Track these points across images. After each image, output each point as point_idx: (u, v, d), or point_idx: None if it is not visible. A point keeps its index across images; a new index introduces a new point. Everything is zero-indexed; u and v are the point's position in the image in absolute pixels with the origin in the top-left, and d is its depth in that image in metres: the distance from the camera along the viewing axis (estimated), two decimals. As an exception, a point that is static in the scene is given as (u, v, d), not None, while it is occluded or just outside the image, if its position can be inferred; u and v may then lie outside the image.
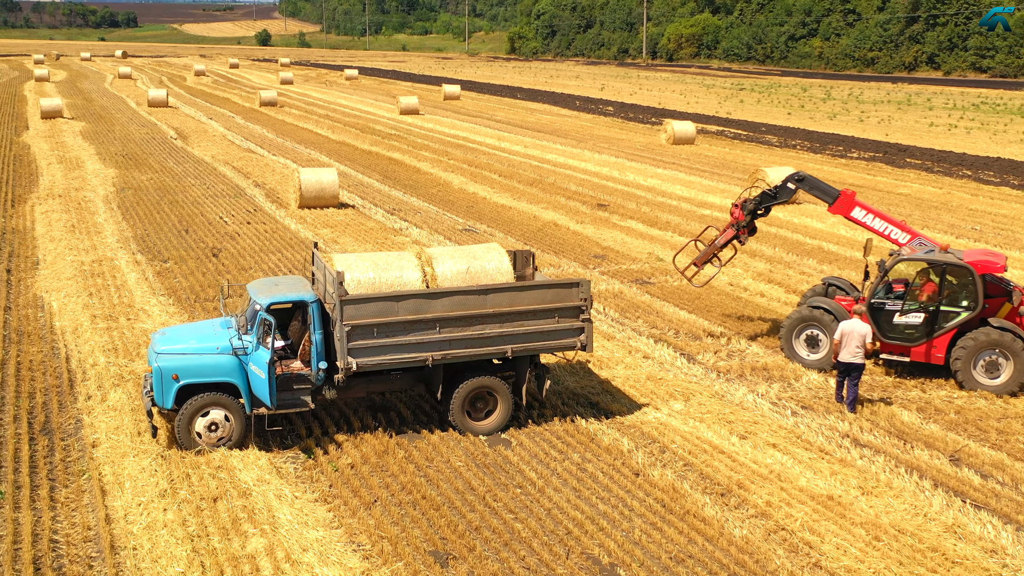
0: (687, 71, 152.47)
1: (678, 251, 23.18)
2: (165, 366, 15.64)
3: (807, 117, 78.83)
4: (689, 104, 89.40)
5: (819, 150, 57.68)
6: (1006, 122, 76.25)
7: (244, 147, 53.85)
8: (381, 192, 40.65)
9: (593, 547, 13.49)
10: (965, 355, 19.39)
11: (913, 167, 51.14)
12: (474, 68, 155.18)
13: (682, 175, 46.48)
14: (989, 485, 15.62)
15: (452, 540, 13.57)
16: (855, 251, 31.41)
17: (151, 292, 25.12)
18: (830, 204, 21.28)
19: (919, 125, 73.79)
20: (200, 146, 53.74)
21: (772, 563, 13.22)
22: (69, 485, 15.01)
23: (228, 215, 34.98)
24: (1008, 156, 55.41)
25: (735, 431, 17.36)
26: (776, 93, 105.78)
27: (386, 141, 57.24)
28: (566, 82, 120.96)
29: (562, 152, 53.78)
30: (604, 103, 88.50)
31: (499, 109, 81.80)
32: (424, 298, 16.20)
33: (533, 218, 35.73)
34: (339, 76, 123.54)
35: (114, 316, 23.08)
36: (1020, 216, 37.97)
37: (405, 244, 30.81)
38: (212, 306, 24.00)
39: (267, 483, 14.99)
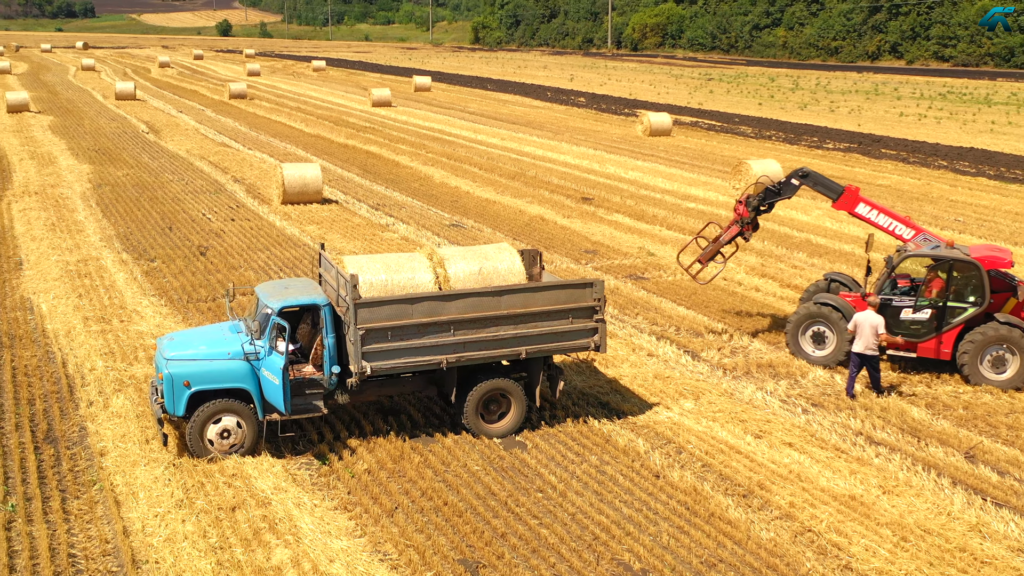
0: (653, 61, 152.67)
1: (681, 249, 23.08)
2: (176, 372, 15.29)
3: (778, 108, 79.14)
4: (659, 95, 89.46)
5: (794, 141, 57.87)
6: (974, 112, 76.95)
7: (219, 141, 53.17)
8: (363, 187, 40.26)
9: (622, 552, 13.35)
10: (972, 350, 19.45)
11: (890, 158, 51.42)
12: (441, 59, 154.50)
13: (662, 167, 46.42)
14: (1007, 482, 15.65)
15: (479, 548, 13.38)
16: (842, 244, 31.53)
17: (141, 293, 24.66)
18: (834, 200, 21.25)
19: (889, 115, 74.29)
20: (174, 140, 53.00)
21: (803, 566, 13.14)
22: (81, 496, 14.66)
23: (211, 212, 34.48)
24: (981, 146, 55.87)
25: (749, 430, 17.29)
26: (744, 83, 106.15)
27: (362, 134, 56.75)
28: (534, 73, 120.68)
29: (540, 144, 53.57)
30: (575, 94, 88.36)
31: (471, 101, 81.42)
32: (438, 300, 15.97)
33: (519, 212, 35.52)
34: (306, 67, 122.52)
35: (106, 318, 22.62)
36: (1000, 207, 38.27)
37: (394, 240, 30.51)
38: (206, 307, 23.62)
39: (284, 491, 14.71)
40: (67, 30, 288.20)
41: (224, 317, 22.44)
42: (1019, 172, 47.36)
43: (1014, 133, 63.26)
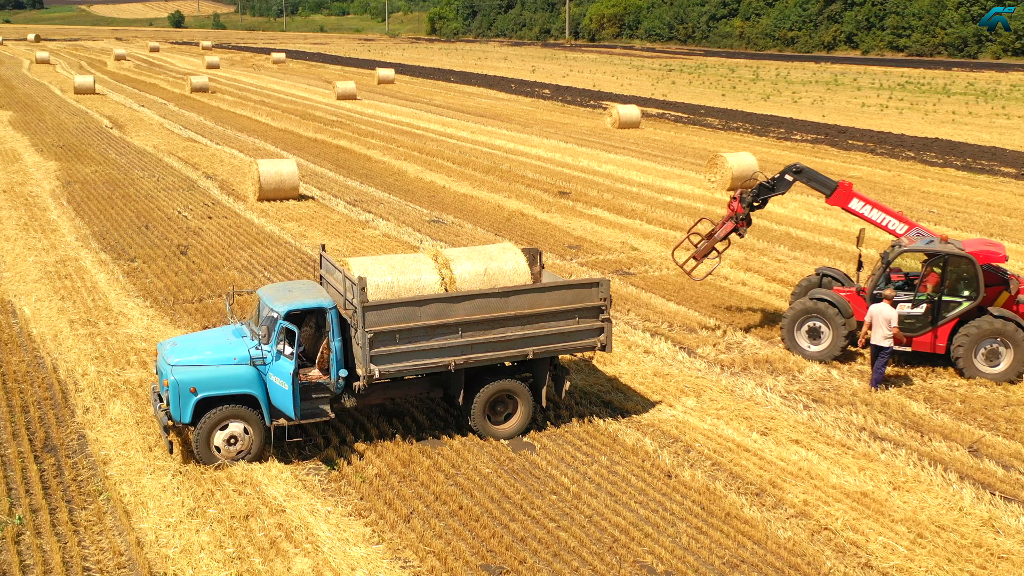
0: (613, 52, 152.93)
1: (676, 245, 23.05)
2: (182, 379, 15.02)
3: (741, 99, 79.56)
4: (623, 86, 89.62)
5: (762, 132, 58.21)
6: (934, 102, 77.88)
7: (185, 136, 52.46)
8: (337, 182, 39.91)
9: (643, 555, 13.31)
10: (967, 343, 19.62)
11: (858, 149, 51.87)
12: (400, 50, 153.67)
13: (635, 160, 46.48)
14: (1013, 476, 15.81)
15: (500, 553, 13.28)
16: (821, 236, 31.74)
17: (125, 294, 24.25)
18: (827, 196, 21.34)
19: (851, 106, 74.97)
20: (139, 136, 52.22)
21: (824, 565, 13.18)
22: (88, 507, 14.36)
23: (186, 209, 34.00)
24: (945, 137, 56.53)
25: (755, 427, 17.33)
26: (705, 74, 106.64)
27: (330, 128, 56.27)
28: (496, 64, 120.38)
29: (511, 138, 53.43)
30: (539, 86, 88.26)
31: (436, 93, 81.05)
32: (446, 302, 15.83)
33: (497, 207, 35.38)
34: (265, 59, 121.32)
35: (92, 321, 22.22)
36: (972, 198, 38.72)
37: (376, 237, 30.28)
38: (193, 308, 23.27)
39: (297, 498, 14.52)
40: (15, 22, 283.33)
41: (220, 320, 22.15)
42: (985, 163, 47.97)
43: (975, 123, 64.09)
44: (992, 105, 75.21)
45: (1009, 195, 39.49)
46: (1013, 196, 39.30)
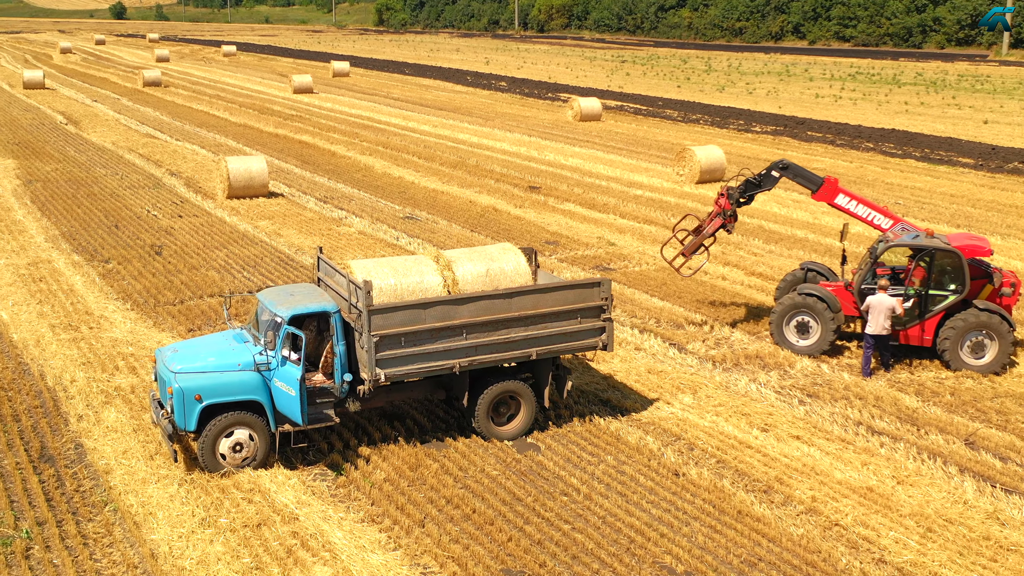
0: (564, 43, 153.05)
1: (664, 243, 23.11)
2: (187, 386, 14.81)
3: (697, 90, 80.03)
4: (577, 78, 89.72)
5: (722, 124, 58.63)
6: (886, 92, 78.91)
7: (144, 132, 51.67)
8: (305, 179, 39.55)
9: (661, 555, 13.37)
10: (953, 336, 19.92)
11: (818, 140, 52.44)
12: (350, 42, 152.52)
13: (600, 153, 46.59)
14: (1011, 468, 16.09)
15: (518, 556, 13.26)
16: (794, 229, 32.04)
17: (104, 297, 23.86)
18: (814, 192, 21.52)
19: (805, 97, 75.72)
20: (96, 132, 51.34)
21: (839, 562, 13.33)
22: (94, 518, 14.12)
23: (155, 208, 33.51)
24: (901, 127, 57.29)
25: (754, 424, 17.47)
26: (658, 65, 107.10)
27: (290, 123, 55.73)
28: (448, 56, 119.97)
29: (474, 132, 53.29)
30: (495, 78, 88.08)
31: (393, 86, 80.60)
32: (451, 304, 15.76)
33: (470, 203, 35.29)
34: (215, 52, 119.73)
35: (74, 325, 21.84)
36: (935, 189, 39.30)
37: (351, 235, 30.07)
38: (176, 310, 22.95)
39: (308, 505, 14.39)
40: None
41: (205, 322, 21.89)
42: (943, 153, 48.71)
43: (928, 114, 65.04)
44: (943, 95, 76.36)
45: (971, 186, 40.16)
46: (975, 187, 39.97)
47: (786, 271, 26.84)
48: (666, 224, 32.41)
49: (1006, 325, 19.82)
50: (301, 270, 26.24)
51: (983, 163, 45.82)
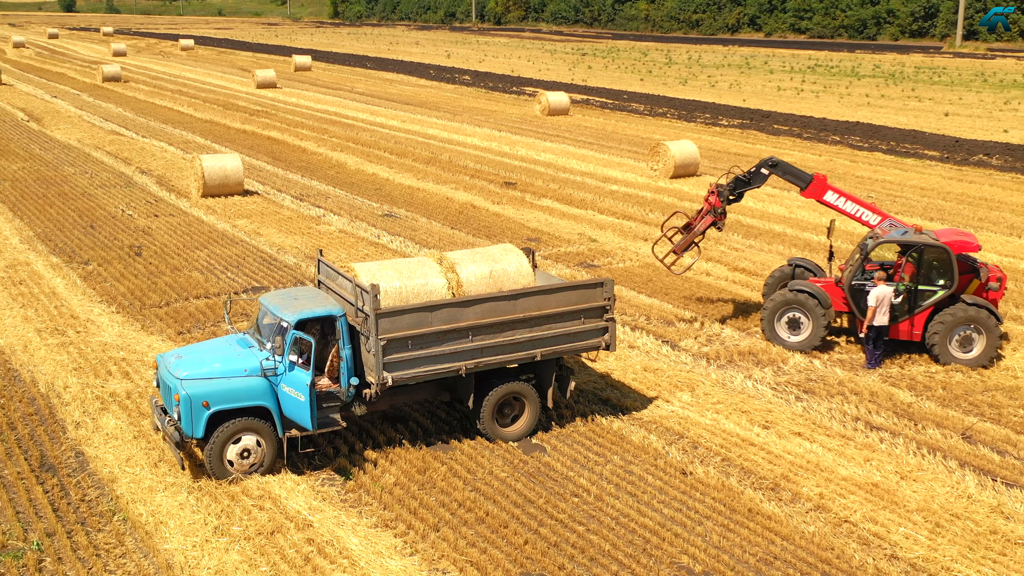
0: (523, 36, 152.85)
1: (655, 241, 23.17)
2: (194, 393, 14.66)
3: (660, 83, 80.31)
4: (540, 71, 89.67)
5: (689, 118, 58.91)
6: (846, 85, 79.65)
7: (109, 129, 50.97)
8: (278, 176, 39.24)
9: (678, 555, 13.46)
10: (942, 331, 20.21)
11: (785, 134, 52.84)
12: (308, 35, 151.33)
13: (572, 148, 46.65)
14: (1009, 461, 16.37)
15: (536, 559, 13.29)
16: (771, 224, 32.30)
17: (88, 300, 23.55)
18: (802, 189, 21.72)
19: (767, 89, 76.26)
20: (60, 129, 50.57)
21: (853, 559, 13.49)
22: (103, 528, 13.95)
23: (129, 207, 33.08)
24: (865, 120, 57.87)
25: (755, 421, 17.62)
26: (619, 58, 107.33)
27: (257, 119, 55.24)
28: (409, 49, 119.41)
29: (443, 127, 53.15)
30: (458, 72, 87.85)
31: (356, 80, 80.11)
32: (457, 307, 15.74)
33: (447, 200, 35.21)
34: (173, 46, 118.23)
35: (61, 329, 21.53)
36: (905, 182, 39.76)
37: (332, 233, 29.90)
38: (163, 312, 22.69)
39: (320, 511, 14.32)
40: None
41: (194, 325, 21.68)
42: (908, 146, 49.30)
43: (890, 106, 65.77)
44: (902, 88, 77.25)
45: (939, 179, 40.69)
46: (943, 179, 40.50)
47: (767, 266, 27.15)
48: (645, 220, 32.56)
49: (993, 319, 20.14)
50: (285, 270, 26.06)
51: (948, 156, 46.44)
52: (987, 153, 46.75)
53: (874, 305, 19.68)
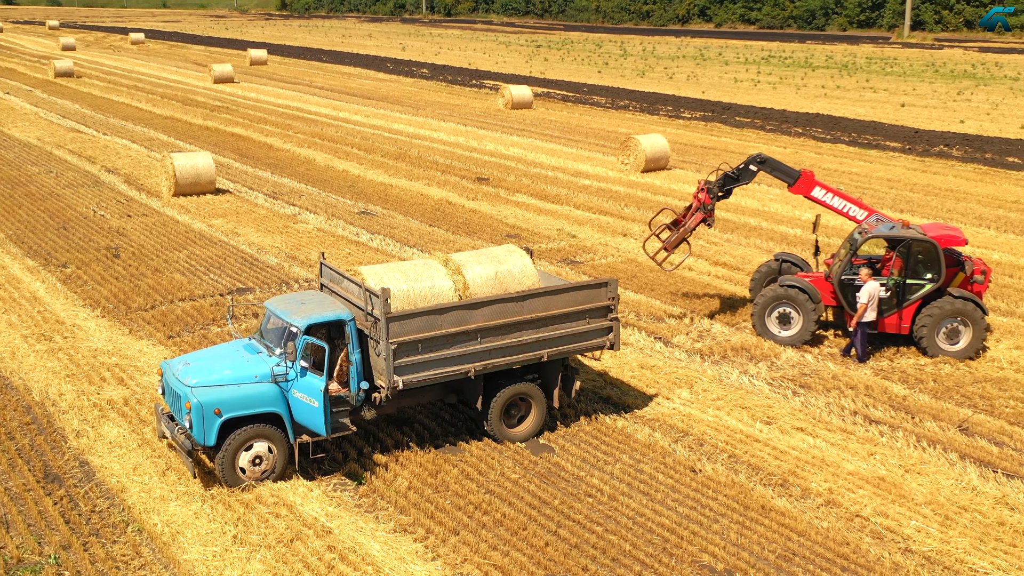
0: (475, 28, 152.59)
1: (646, 239, 23.24)
2: (206, 400, 14.51)
3: (618, 75, 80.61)
4: (497, 64, 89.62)
5: (651, 111, 59.23)
6: (801, 76, 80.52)
7: (68, 127, 50.12)
8: (248, 173, 38.86)
9: (698, 554, 13.58)
10: (930, 324, 20.56)
11: (747, 126, 53.32)
12: (258, 28, 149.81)
13: (540, 143, 46.71)
14: (1007, 452, 16.71)
15: (559, 561, 13.35)
16: (746, 217, 32.61)
17: (71, 304, 23.19)
18: (790, 185, 21.95)
19: (724, 81, 76.86)
20: (18, 127, 49.66)
21: (869, 553, 13.71)
22: (118, 540, 13.78)
23: (100, 208, 32.59)
24: (824, 111, 58.52)
25: (756, 417, 17.81)
26: (574, 50, 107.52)
27: (218, 115, 54.63)
28: (362, 42, 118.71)
29: (408, 121, 52.95)
30: (415, 65, 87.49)
31: (313, 75, 79.48)
32: (465, 309, 15.73)
33: (421, 196, 35.11)
34: (123, 40, 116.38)
35: (48, 335, 21.19)
36: (871, 174, 40.30)
37: (310, 232, 29.70)
38: (150, 315, 22.41)
39: (338, 517, 14.26)
40: None
41: (183, 329, 21.44)
42: (870, 137, 49.98)
43: (846, 97, 66.59)
44: (856, 78, 78.25)
45: (904, 170, 41.30)
46: (907, 171, 41.12)
47: (748, 260, 27.44)
48: (622, 215, 32.73)
49: (980, 311, 20.53)
50: (268, 271, 25.85)
51: (910, 147, 47.15)
52: (947, 144, 47.51)
53: (866, 302, 19.99)
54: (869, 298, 19.95)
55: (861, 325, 20.18)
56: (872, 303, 20.10)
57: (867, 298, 19.95)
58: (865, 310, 20.10)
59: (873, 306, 20.15)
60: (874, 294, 19.95)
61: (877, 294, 20.10)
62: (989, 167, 42.35)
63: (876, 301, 20.17)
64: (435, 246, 28.26)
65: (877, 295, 20.12)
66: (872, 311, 20.18)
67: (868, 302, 20.01)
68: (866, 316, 20.17)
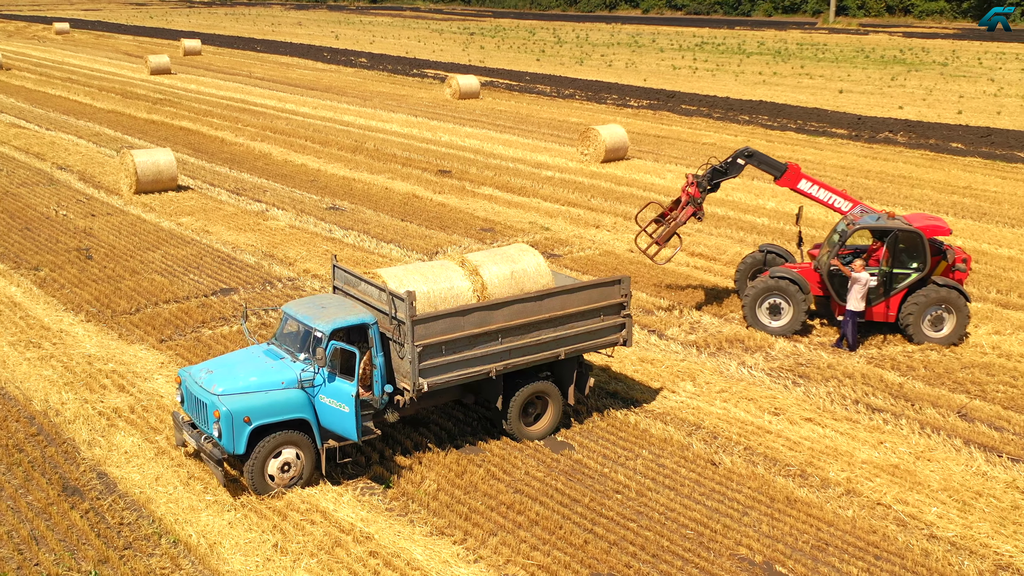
0: (404, 15, 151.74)
1: (637, 234, 23.44)
2: (235, 408, 14.37)
3: (557, 63, 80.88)
4: (434, 53, 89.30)
5: (597, 99, 59.57)
6: (737, 63, 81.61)
7: (7, 122, 48.80)
8: (205, 169, 38.28)
9: (735, 547, 13.85)
10: (916, 311, 21.13)
11: (695, 114, 53.94)
12: (184, 16, 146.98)
13: (494, 133, 46.75)
14: (1008, 437, 17.29)
15: (601, 559, 13.52)
16: (713, 207, 32.97)
17: (52, 309, 22.70)
18: (777, 178, 22.34)
19: (663, 68, 77.59)
20: (-45, 123, 48.25)
21: (896, 540, 14.11)
22: (155, 552, 13.61)
23: (61, 207, 31.86)
24: (768, 99, 59.45)
25: (763, 408, 18.16)
26: (508, 37, 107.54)
27: (162, 108, 53.64)
28: (292, 30, 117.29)
29: (357, 113, 52.58)
30: (353, 54, 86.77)
31: (251, 65, 78.36)
32: (487, 310, 15.80)
33: (386, 190, 34.96)
34: (46, 30, 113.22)
35: (35, 342, 20.74)
36: (824, 161, 41.08)
37: (282, 229, 29.40)
38: (138, 318, 22.04)
39: (374, 522, 14.26)
40: None
41: (175, 332, 21.14)
42: (816, 124, 50.90)
43: (785, 84, 67.71)
44: (791, 65, 79.56)
45: (855, 157, 42.18)
46: (859, 158, 42.01)
47: (723, 250, 27.89)
48: (590, 206, 32.96)
49: (963, 299, 21.15)
50: (248, 270, 25.57)
51: (857, 134, 48.15)
52: (891, 130, 48.63)
53: (858, 276, 20.52)
54: (857, 287, 20.45)
55: (851, 315, 20.67)
56: (862, 292, 20.59)
57: (859, 289, 20.45)
58: (856, 300, 20.60)
59: (861, 295, 20.65)
60: (865, 284, 20.45)
61: (867, 284, 20.60)
62: (935, 153, 43.47)
63: (866, 291, 20.67)
64: (412, 242, 28.20)
65: (867, 285, 20.62)
66: (862, 301, 20.69)
67: (861, 291, 20.51)
68: (856, 306, 20.66)
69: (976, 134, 47.42)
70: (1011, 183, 37.27)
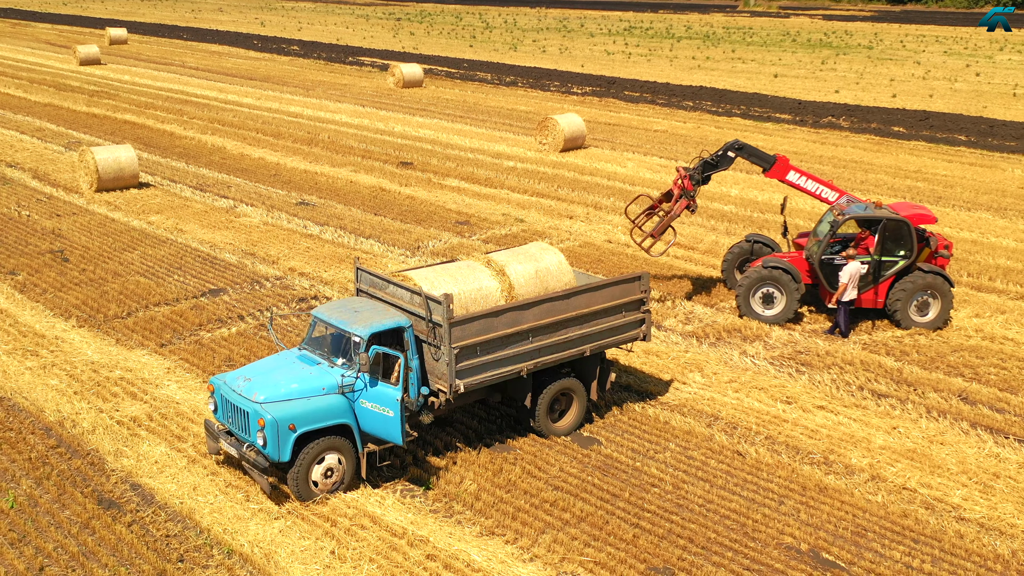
0: (326, 0, 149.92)
1: (631, 229, 23.74)
2: (280, 416, 14.34)
3: (491, 49, 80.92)
4: (365, 39, 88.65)
5: (539, 86, 59.81)
6: (669, 47, 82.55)
7: (-58, 118, 47.34)
8: (161, 164, 37.62)
9: (779, 536, 14.27)
10: (904, 297, 21.85)
11: (639, 100, 54.51)
12: (99, 3, 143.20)
13: (446, 123, 46.73)
14: (1010, 418, 18.02)
15: (654, 553, 13.82)
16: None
17: (40, 315, 22.22)
18: (766, 170, 22.83)
19: (596, 53, 78.15)
20: None
21: (929, 525, 14.67)
22: (210, 564, 13.54)
23: (20, 207, 31.08)
24: (708, 84, 60.36)
25: (775, 397, 18.65)
26: (436, 23, 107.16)
27: (101, 100, 52.43)
28: (215, 17, 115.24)
29: (302, 103, 52.06)
30: (283, 41, 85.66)
31: (181, 54, 76.86)
32: (518, 310, 15.97)
33: (351, 184, 34.79)
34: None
35: (32, 351, 20.31)
36: (776, 147, 41.75)
37: (256, 226, 29.11)
38: (132, 322, 21.72)
39: (423, 524, 14.36)
40: None
41: (175, 335, 20.89)
42: (760, 110, 51.85)
43: (720, 68, 68.75)
44: (722, 49, 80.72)
45: (804, 143, 43.12)
46: (808, 144, 42.96)
47: (700, 239, 28.40)
48: (559, 196, 33.23)
49: (947, 284, 21.91)
50: (232, 269, 25.30)
51: (801, 119, 49.17)
52: (833, 115, 49.76)
53: (846, 281, 21.08)
54: (849, 278, 21.03)
55: (843, 303, 21.26)
56: (853, 282, 21.22)
57: (847, 278, 21.03)
58: (844, 289, 21.20)
59: (854, 285, 21.28)
60: (854, 274, 21.03)
61: (858, 273, 21.22)
62: (880, 137, 44.65)
63: (856, 279, 21.30)
64: (391, 237, 28.16)
65: (858, 274, 21.24)
66: (853, 289, 21.31)
67: (847, 282, 21.09)
68: (847, 295, 21.27)
69: (914, 118, 48.76)
70: (958, 166, 38.50)
